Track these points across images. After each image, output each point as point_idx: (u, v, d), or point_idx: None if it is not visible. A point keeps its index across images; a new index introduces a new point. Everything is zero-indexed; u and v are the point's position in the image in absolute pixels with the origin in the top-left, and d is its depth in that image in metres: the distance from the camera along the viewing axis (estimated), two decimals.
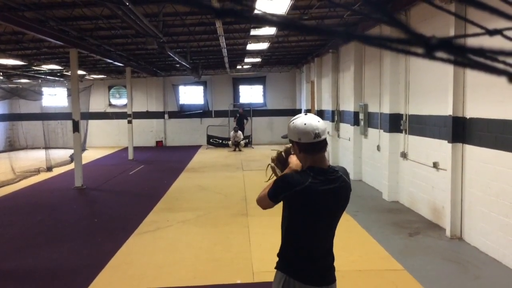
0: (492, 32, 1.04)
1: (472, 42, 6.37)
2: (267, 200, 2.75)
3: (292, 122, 2.74)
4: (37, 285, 5.91)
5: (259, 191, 2.95)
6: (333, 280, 2.80)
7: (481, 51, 0.90)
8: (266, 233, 7.88)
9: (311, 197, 2.62)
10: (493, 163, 6.38)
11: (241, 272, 6.07)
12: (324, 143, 2.69)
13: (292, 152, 2.87)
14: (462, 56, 0.92)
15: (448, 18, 7.18)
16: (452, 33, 7.08)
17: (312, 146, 2.65)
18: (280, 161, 2.95)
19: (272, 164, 2.96)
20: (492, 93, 6.35)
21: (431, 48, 0.91)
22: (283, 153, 2.96)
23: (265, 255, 6.70)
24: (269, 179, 2.90)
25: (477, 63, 0.91)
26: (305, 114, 2.77)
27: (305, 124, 2.66)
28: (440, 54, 0.93)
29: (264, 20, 1.04)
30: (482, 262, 6.26)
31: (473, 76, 6.84)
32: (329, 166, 2.74)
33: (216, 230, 8.16)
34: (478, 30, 1.13)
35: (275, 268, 2.81)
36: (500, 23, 0.93)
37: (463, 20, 6.84)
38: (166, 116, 24.87)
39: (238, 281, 5.77)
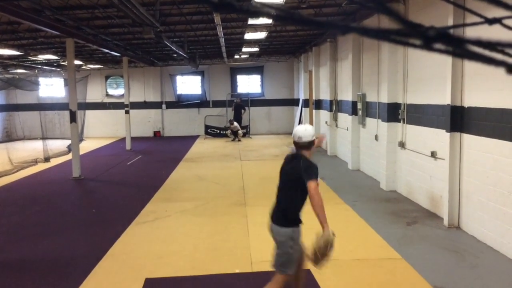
0: (491, 21, 1.02)
1: (471, 31, 6.36)
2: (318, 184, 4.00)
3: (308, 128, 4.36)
4: (36, 276, 5.92)
5: (257, 181, 3.07)
6: (273, 221, 4.46)
7: (479, 42, 0.89)
8: (265, 222, 7.88)
9: (281, 168, 4.47)
10: (491, 152, 6.38)
11: (239, 261, 6.08)
12: (299, 144, 4.25)
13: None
14: (460, 47, 0.91)
15: (447, 6, 7.14)
16: (451, 22, 7.04)
17: (295, 143, 4.32)
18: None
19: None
20: (491, 81, 6.33)
21: (429, 39, 0.90)
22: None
23: (263, 244, 6.70)
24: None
25: (475, 54, 0.90)
26: (300, 124, 4.07)
27: (296, 129, 4.31)
28: (438, 45, 0.92)
29: (261, 12, 1.02)
30: (480, 251, 6.29)
31: (471, 65, 6.81)
32: (296, 154, 4.28)
33: (214, 220, 8.17)
34: (477, 19, 1.11)
35: (283, 226, 4.22)
36: (499, 13, 0.91)
37: (461, 9, 6.81)
38: (163, 106, 24.79)
39: (237, 271, 5.78)
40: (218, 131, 22.94)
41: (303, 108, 20.89)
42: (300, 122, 21.60)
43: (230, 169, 13.58)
